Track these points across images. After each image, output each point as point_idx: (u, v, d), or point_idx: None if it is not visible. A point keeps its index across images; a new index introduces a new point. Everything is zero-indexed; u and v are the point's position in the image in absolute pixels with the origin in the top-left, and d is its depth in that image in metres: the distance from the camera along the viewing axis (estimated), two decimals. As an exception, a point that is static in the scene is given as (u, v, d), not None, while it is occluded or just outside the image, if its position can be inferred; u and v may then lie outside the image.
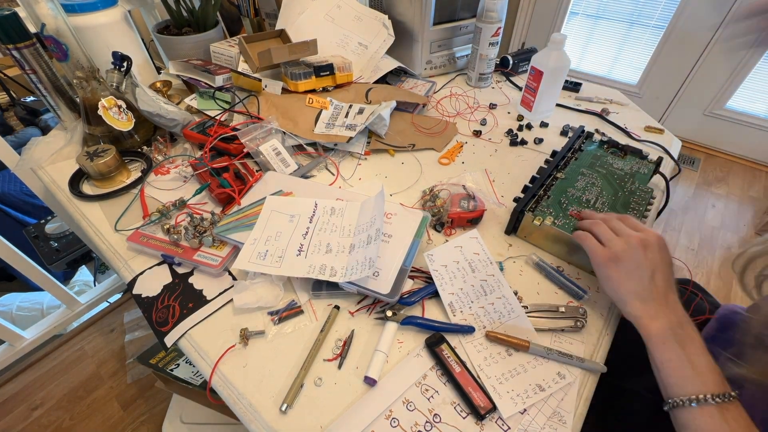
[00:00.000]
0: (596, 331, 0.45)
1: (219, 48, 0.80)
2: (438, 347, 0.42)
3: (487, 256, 0.50)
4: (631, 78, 2.10)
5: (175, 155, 0.68)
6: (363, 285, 0.44)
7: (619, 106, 0.82)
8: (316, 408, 0.38)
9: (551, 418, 0.38)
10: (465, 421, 0.38)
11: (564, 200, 0.52)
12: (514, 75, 0.93)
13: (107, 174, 0.61)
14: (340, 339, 0.44)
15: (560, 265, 0.51)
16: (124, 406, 1.10)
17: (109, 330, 1.27)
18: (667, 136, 0.73)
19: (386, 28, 0.83)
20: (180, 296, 0.48)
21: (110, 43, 0.75)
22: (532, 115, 0.77)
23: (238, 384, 0.40)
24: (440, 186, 0.60)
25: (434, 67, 0.90)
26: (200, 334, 0.44)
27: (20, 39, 0.62)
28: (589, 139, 0.64)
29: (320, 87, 0.77)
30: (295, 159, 0.64)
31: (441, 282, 0.47)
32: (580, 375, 0.41)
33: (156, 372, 0.80)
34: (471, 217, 0.54)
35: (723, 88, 1.86)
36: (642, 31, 1.95)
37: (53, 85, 0.69)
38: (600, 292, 0.48)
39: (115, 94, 0.65)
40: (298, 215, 0.53)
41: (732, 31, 1.70)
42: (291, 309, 0.46)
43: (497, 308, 0.45)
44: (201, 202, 0.59)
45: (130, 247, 0.53)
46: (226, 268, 0.50)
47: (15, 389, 1.14)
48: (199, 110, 0.72)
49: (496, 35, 0.79)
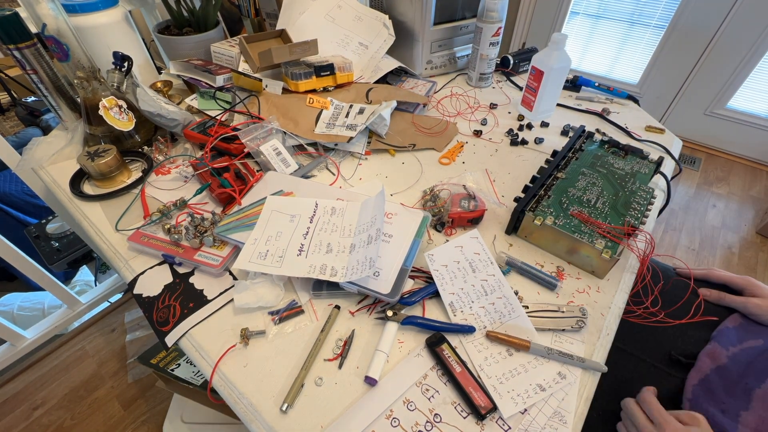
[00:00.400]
0: (597, 330, 0.45)
1: (220, 48, 0.81)
2: (438, 347, 0.42)
3: (487, 256, 0.50)
4: (632, 78, 2.09)
5: (176, 155, 0.68)
6: (363, 285, 0.44)
7: (620, 105, 0.82)
8: (316, 408, 0.38)
9: (552, 418, 0.38)
10: (465, 421, 0.38)
11: (565, 200, 0.52)
12: (514, 75, 0.93)
13: (108, 174, 0.61)
14: (340, 339, 0.44)
15: (560, 265, 0.51)
16: (125, 406, 1.10)
17: (110, 330, 1.28)
18: (667, 135, 0.73)
19: (387, 28, 0.83)
20: (181, 296, 0.48)
21: (111, 43, 0.75)
22: (533, 115, 0.77)
23: (239, 384, 0.40)
24: (441, 186, 0.60)
25: (435, 67, 0.90)
26: (201, 333, 0.44)
27: (21, 39, 0.62)
28: (589, 139, 0.64)
29: (321, 87, 0.77)
30: (296, 159, 0.64)
31: (441, 282, 0.47)
32: (581, 375, 0.41)
33: (157, 372, 0.80)
34: (471, 217, 0.54)
35: (724, 88, 1.86)
36: (643, 31, 1.95)
37: (54, 85, 0.69)
38: (601, 292, 0.48)
39: (116, 94, 0.65)
40: (299, 215, 0.53)
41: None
42: (291, 309, 0.46)
43: (498, 308, 0.45)
44: (202, 202, 0.59)
45: (131, 247, 0.53)
46: (226, 268, 0.50)
47: (16, 389, 1.14)
48: (199, 110, 0.72)
49: (497, 35, 0.79)
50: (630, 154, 0.60)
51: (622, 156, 0.60)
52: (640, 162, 0.59)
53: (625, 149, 0.61)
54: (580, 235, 0.48)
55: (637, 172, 0.57)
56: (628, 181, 0.56)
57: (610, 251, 0.46)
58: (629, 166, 0.58)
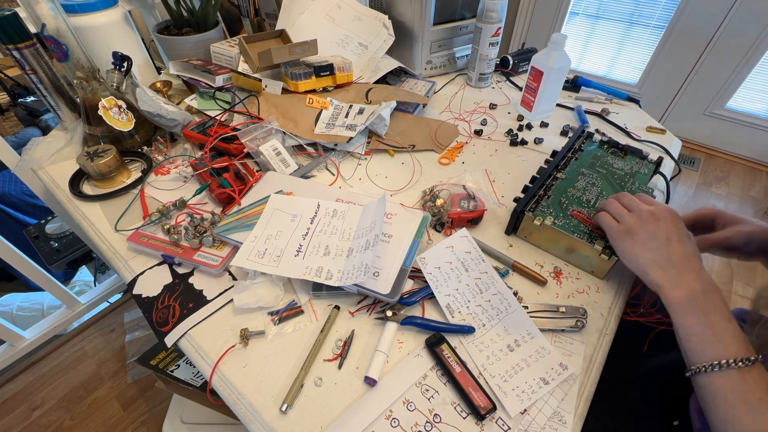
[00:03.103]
0: (596, 330, 0.45)
1: (219, 48, 0.80)
2: (438, 347, 0.42)
3: (478, 254, 0.49)
4: (632, 78, 2.10)
5: (176, 155, 0.68)
6: (363, 285, 0.44)
7: (619, 106, 0.82)
8: (316, 408, 0.38)
9: (551, 418, 0.38)
10: (465, 421, 0.38)
11: (564, 200, 0.52)
12: (514, 75, 0.93)
13: (107, 174, 0.61)
14: (340, 339, 0.44)
15: (557, 265, 0.51)
16: (124, 406, 1.10)
17: (109, 330, 1.28)
18: (667, 136, 0.73)
19: (386, 29, 0.83)
20: (180, 296, 0.48)
21: (110, 43, 0.75)
22: (533, 115, 0.77)
23: (239, 384, 0.40)
24: (440, 186, 0.60)
25: (434, 67, 0.90)
26: (200, 334, 0.44)
27: (21, 39, 0.62)
28: (589, 139, 0.64)
29: (320, 87, 0.77)
30: (296, 159, 0.64)
31: (436, 284, 0.47)
32: (581, 375, 0.41)
33: (157, 373, 0.80)
34: (471, 217, 0.54)
35: (723, 88, 1.86)
36: (642, 31, 1.95)
37: (53, 85, 0.69)
38: (600, 292, 0.48)
39: (116, 94, 0.65)
40: (300, 215, 0.53)
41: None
42: (291, 309, 0.46)
43: (494, 305, 0.45)
44: (201, 202, 0.59)
45: (131, 247, 0.53)
46: (226, 268, 0.50)
47: (15, 389, 1.14)
48: (199, 110, 0.72)
49: (497, 35, 0.79)
50: (629, 155, 0.60)
51: (621, 156, 0.60)
52: (639, 162, 0.59)
53: (624, 149, 0.61)
54: (579, 235, 0.48)
55: (636, 172, 0.57)
56: (628, 181, 0.56)
57: (609, 252, 0.46)
58: (629, 167, 0.58)
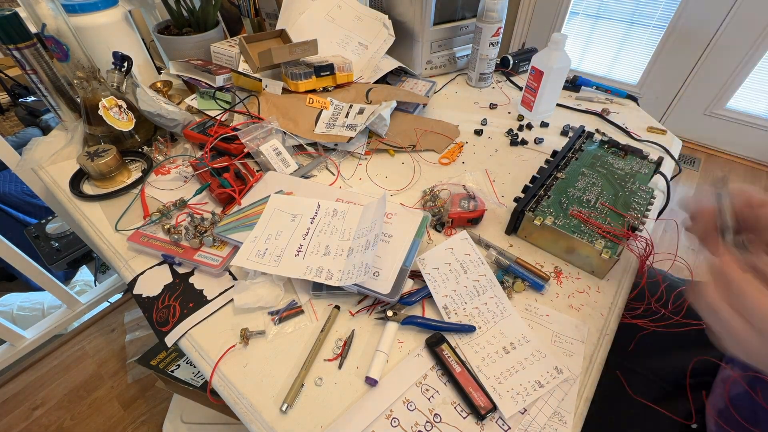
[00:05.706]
0: (596, 330, 0.45)
1: (219, 48, 0.81)
2: (438, 347, 0.42)
3: (478, 257, 0.49)
4: (632, 78, 2.10)
5: (176, 155, 0.68)
6: (363, 285, 0.44)
7: (619, 106, 0.82)
8: (316, 408, 0.38)
9: (552, 418, 0.38)
10: (465, 421, 0.38)
11: (564, 200, 0.52)
12: (514, 75, 0.93)
13: (108, 174, 0.61)
14: (340, 339, 0.44)
15: (558, 265, 0.51)
16: (124, 406, 1.10)
17: (109, 330, 1.28)
18: (667, 136, 0.73)
19: (386, 28, 0.83)
20: (180, 296, 0.48)
21: (111, 43, 0.75)
22: (533, 115, 0.77)
23: (239, 384, 0.40)
24: (440, 186, 0.60)
25: (434, 67, 0.90)
26: (201, 334, 0.44)
27: (21, 39, 0.62)
28: (589, 139, 0.64)
29: (320, 87, 0.77)
30: (296, 159, 0.64)
31: (434, 285, 0.47)
32: (581, 375, 0.41)
33: (157, 373, 0.80)
34: (471, 217, 0.54)
35: (723, 88, 1.86)
36: (642, 31, 1.95)
37: (54, 85, 0.69)
38: (601, 292, 0.48)
39: (116, 94, 0.65)
40: (300, 215, 0.53)
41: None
42: (291, 309, 0.46)
43: (490, 308, 0.45)
44: (201, 202, 0.59)
45: (131, 247, 0.53)
46: (226, 268, 0.50)
47: (16, 389, 1.14)
48: (199, 110, 0.72)
49: (497, 35, 0.79)
50: (630, 155, 0.60)
51: (621, 156, 0.60)
52: (639, 162, 0.59)
53: (624, 149, 0.61)
54: (579, 235, 0.48)
55: (636, 172, 0.57)
56: (628, 181, 0.56)
57: (609, 251, 0.46)
58: (629, 167, 0.58)
